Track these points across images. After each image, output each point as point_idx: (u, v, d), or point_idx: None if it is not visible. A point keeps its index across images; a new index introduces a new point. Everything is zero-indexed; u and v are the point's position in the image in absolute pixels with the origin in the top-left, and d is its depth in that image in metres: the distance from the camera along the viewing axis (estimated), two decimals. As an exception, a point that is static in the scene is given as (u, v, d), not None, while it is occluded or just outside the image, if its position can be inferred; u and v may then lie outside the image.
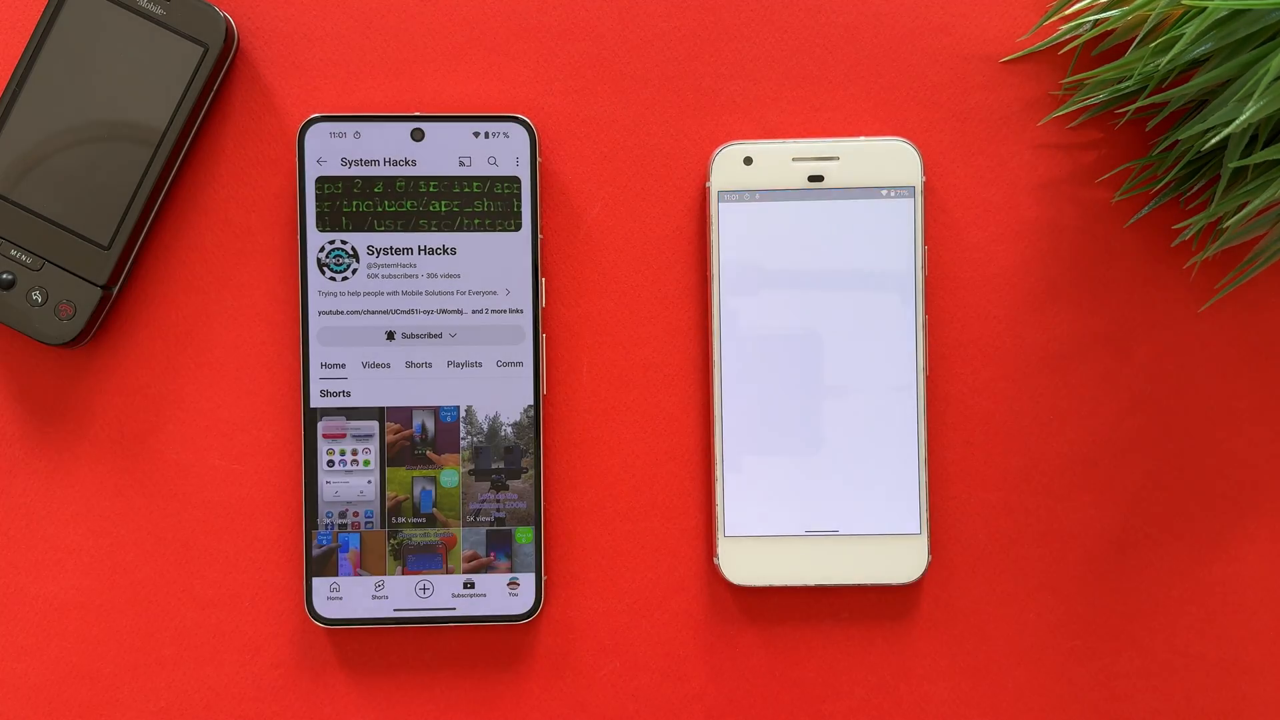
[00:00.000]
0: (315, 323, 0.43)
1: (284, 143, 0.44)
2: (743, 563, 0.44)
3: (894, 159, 0.44)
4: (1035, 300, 0.45)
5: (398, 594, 0.43)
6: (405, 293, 0.43)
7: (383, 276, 0.43)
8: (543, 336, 0.44)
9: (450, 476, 0.43)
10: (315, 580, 0.43)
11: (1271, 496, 0.45)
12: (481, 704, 0.44)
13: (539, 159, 0.43)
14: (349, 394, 0.43)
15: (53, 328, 0.42)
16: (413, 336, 0.43)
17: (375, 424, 0.43)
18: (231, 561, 0.44)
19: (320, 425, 0.43)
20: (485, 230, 0.43)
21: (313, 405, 0.43)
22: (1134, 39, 0.41)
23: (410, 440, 0.43)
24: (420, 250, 0.43)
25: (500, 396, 0.43)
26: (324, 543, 0.43)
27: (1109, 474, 0.45)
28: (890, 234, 0.43)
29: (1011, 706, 0.44)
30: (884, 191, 0.43)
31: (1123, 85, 0.42)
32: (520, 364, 0.43)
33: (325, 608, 0.43)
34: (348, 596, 0.43)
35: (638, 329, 0.45)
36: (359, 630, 0.44)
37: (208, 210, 0.44)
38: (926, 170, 0.44)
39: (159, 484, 0.44)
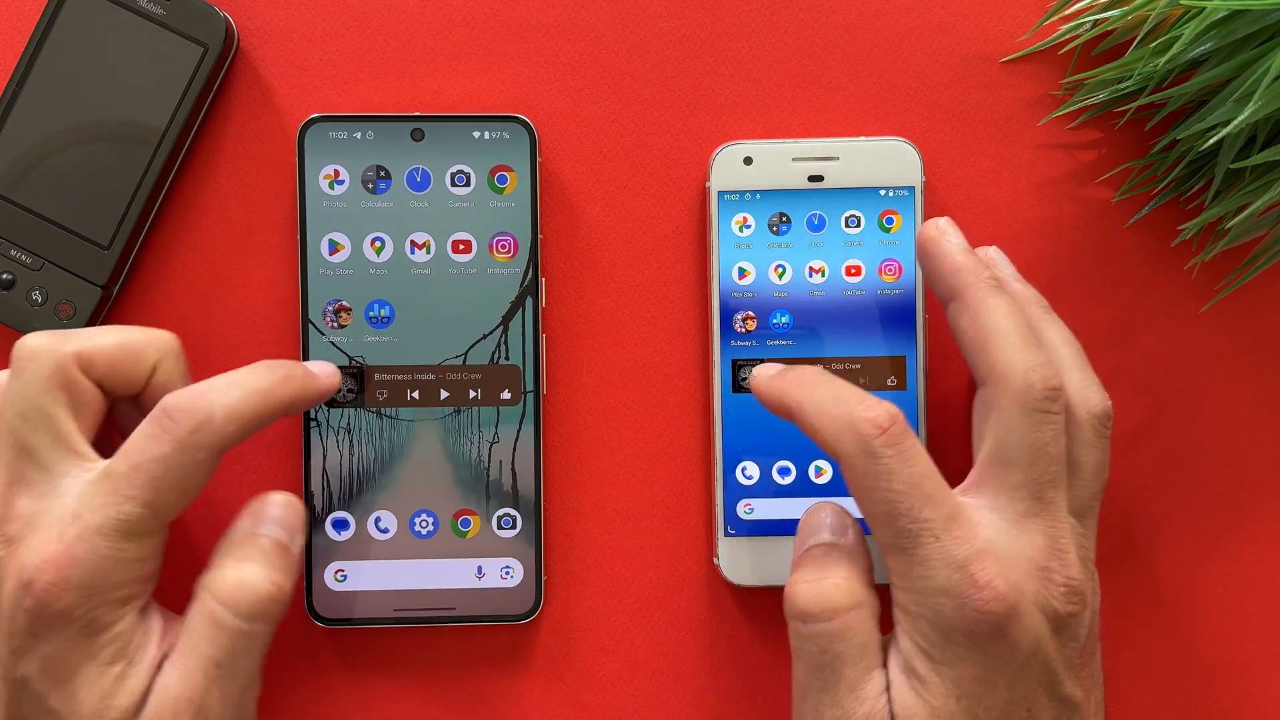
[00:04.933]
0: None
1: (284, 143, 0.44)
2: (743, 563, 0.44)
3: (894, 159, 0.44)
4: (1035, 300, 0.45)
5: (398, 593, 0.43)
6: (405, 293, 0.43)
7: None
8: (543, 336, 0.44)
9: (450, 476, 0.43)
10: (316, 579, 0.43)
11: (1271, 496, 0.45)
12: (481, 704, 0.44)
13: (539, 159, 0.44)
14: (350, 393, 0.43)
15: (53, 328, 0.42)
16: (413, 336, 0.43)
17: (375, 424, 0.43)
18: (231, 561, 0.44)
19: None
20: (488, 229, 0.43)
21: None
22: (1134, 39, 0.41)
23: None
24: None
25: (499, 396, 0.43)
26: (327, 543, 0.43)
27: (1109, 473, 0.45)
28: (890, 234, 0.43)
29: (1011, 706, 0.44)
30: (884, 191, 0.43)
31: (1123, 85, 0.42)
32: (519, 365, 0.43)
33: (325, 609, 0.43)
34: (348, 596, 0.43)
35: (638, 329, 0.45)
36: (359, 630, 0.44)
37: (208, 210, 0.44)
38: (926, 170, 0.44)
39: (159, 484, 0.44)
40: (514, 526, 0.43)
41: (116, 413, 0.39)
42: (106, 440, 0.38)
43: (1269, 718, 0.45)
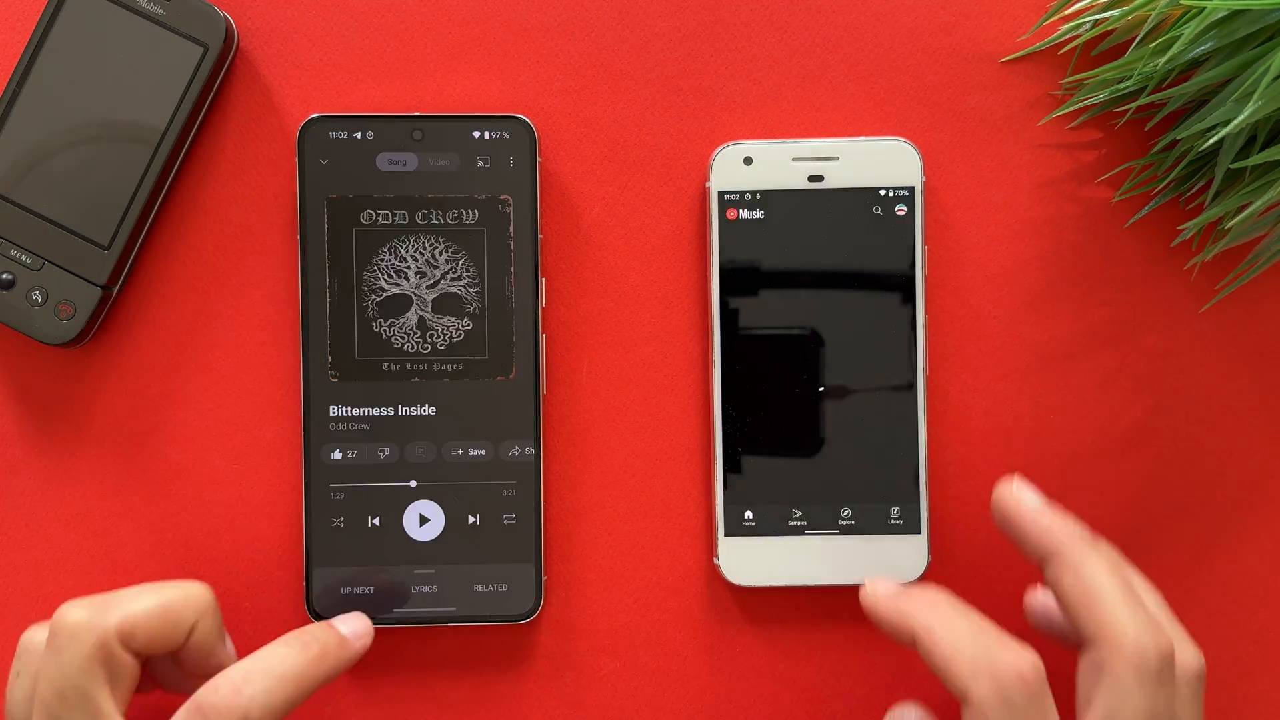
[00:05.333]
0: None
1: (284, 143, 0.44)
2: (743, 563, 0.44)
3: (894, 159, 0.44)
4: (1035, 300, 0.45)
5: (398, 593, 0.43)
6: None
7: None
8: (543, 336, 0.44)
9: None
10: (316, 579, 0.43)
11: (1271, 496, 0.45)
12: (481, 704, 0.44)
13: (539, 159, 0.43)
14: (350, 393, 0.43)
15: (53, 328, 0.42)
16: (413, 336, 0.43)
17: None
18: (231, 561, 0.44)
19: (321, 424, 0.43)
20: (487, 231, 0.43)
21: (312, 405, 0.43)
22: (1134, 39, 0.41)
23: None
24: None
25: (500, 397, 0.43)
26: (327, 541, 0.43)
27: (1109, 474, 0.45)
28: (890, 234, 0.43)
29: (1011, 706, 0.44)
30: (884, 191, 0.43)
31: (1123, 85, 0.42)
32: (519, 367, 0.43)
33: (325, 609, 0.43)
34: (348, 596, 0.43)
35: (638, 329, 0.45)
36: (359, 630, 0.44)
37: (208, 210, 0.44)
38: (926, 170, 0.44)
39: (159, 484, 0.44)
40: (514, 526, 0.43)
41: (152, 665, 0.39)
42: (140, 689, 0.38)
43: (1269, 718, 0.45)
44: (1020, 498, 0.39)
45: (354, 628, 0.39)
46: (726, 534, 0.43)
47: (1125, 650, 0.34)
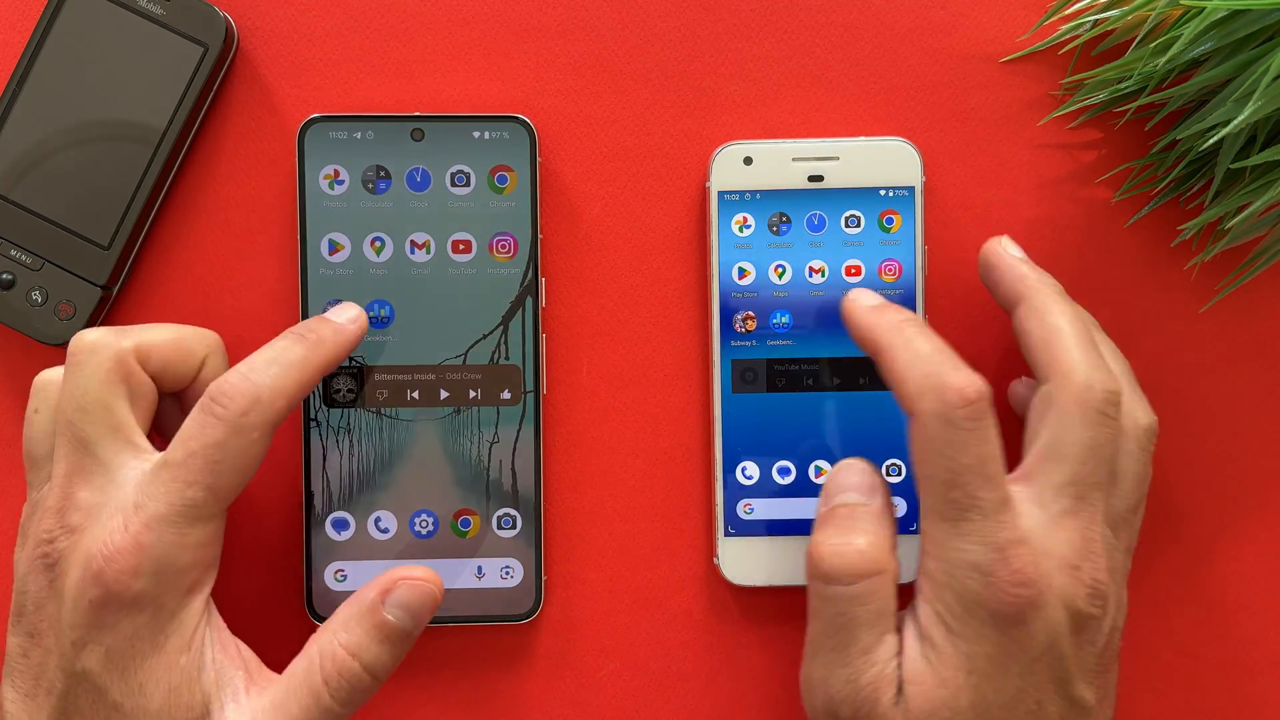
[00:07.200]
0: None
1: (284, 143, 0.44)
2: (743, 563, 0.44)
3: (894, 159, 0.44)
4: (1035, 300, 0.45)
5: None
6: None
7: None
8: (543, 336, 0.44)
9: (450, 476, 0.43)
10: (316, 579, 0.43)
11: (1271, 496, 0.45)
12: (481, 704, 0.44)
13: (539, 159, 0.44)
14: (350, 393, 0.43)
15: (53, 328, 0.42)
16: (413, 336, 0.43)
17: (375, 424, 0.43)
18: (231, 561, 0.44)
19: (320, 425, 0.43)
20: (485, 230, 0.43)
21: (312, 405, 0.43)
22: (1134, 39, 0.41)
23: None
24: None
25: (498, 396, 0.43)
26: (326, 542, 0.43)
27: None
28: (888, 234, 0.43)
29: (1011, 706, 0.44)
30: (884, 191, 0.44)
31: (1123, 85, 0.42)
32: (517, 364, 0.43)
33: (326, 609, 0.43)
34: (348, 596, 0.43)
35: (638, 329, 0.45)
36: (359, 630, 0.44)
37: (208, 210, 0.44)
38: (926, 170, 0.44)
39: (159, 484, 0.44)
40: (514, 526, 0.43)
41: (159, 411, 0.40)
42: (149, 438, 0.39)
43: (1269, 718, 0.45)
44: (1005, 248, 0.40)
45: (347, 314, 0.40)
46: (726, 534, 0.43)
47: (1073, 384, 0.36)
